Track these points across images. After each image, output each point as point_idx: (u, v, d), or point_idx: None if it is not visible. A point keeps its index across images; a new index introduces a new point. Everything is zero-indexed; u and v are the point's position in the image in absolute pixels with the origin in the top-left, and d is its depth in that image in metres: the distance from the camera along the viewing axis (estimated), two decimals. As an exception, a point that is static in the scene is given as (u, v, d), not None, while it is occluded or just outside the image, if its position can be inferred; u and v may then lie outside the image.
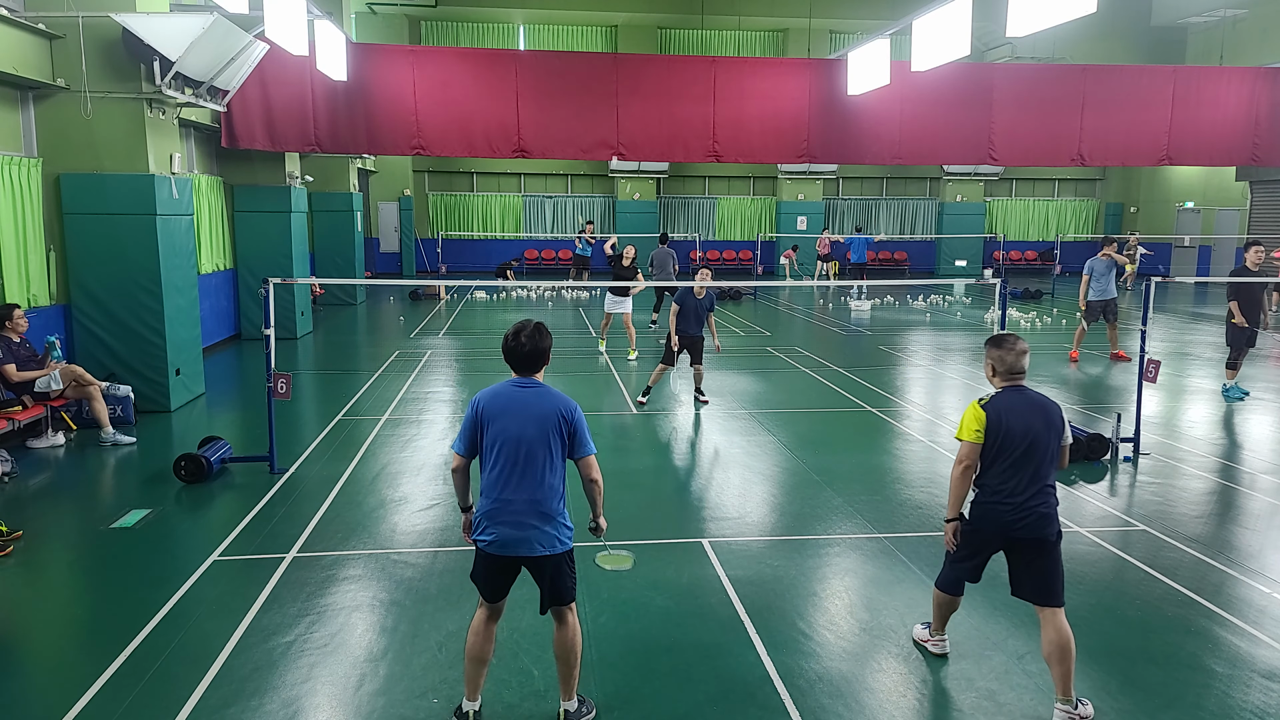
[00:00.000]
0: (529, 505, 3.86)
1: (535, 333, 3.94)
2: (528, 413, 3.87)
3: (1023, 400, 4.25)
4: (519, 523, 3.86)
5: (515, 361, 3.97)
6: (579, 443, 3.91)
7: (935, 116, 16.24)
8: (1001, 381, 4.34)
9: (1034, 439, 4.17)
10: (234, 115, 13.93)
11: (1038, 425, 4.19)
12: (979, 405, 4.25)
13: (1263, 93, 16.76)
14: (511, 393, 3.93)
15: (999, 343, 4.34)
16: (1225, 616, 5.14)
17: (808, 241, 29.45)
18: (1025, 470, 4.17)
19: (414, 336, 16.12)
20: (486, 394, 3.96)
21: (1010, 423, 4.18)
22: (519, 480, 3.85)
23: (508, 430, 3.85)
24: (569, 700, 4.05)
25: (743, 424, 9.59)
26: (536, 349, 3.94)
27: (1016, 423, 4.18)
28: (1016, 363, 4.29)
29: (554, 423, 3.86)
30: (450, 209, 30.55)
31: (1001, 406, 4.23)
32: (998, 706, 4.21)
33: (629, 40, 28.95)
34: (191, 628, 4.94)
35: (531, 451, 3.84)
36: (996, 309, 8.84)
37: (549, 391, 3.95)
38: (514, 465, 3.85)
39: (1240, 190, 26.74)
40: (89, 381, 8.80)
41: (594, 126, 15.53)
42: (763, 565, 5.87)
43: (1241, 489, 7.58)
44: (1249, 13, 24.50)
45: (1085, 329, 14.05)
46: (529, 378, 3.98)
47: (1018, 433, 4.17)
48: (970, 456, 4.27)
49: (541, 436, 3.85)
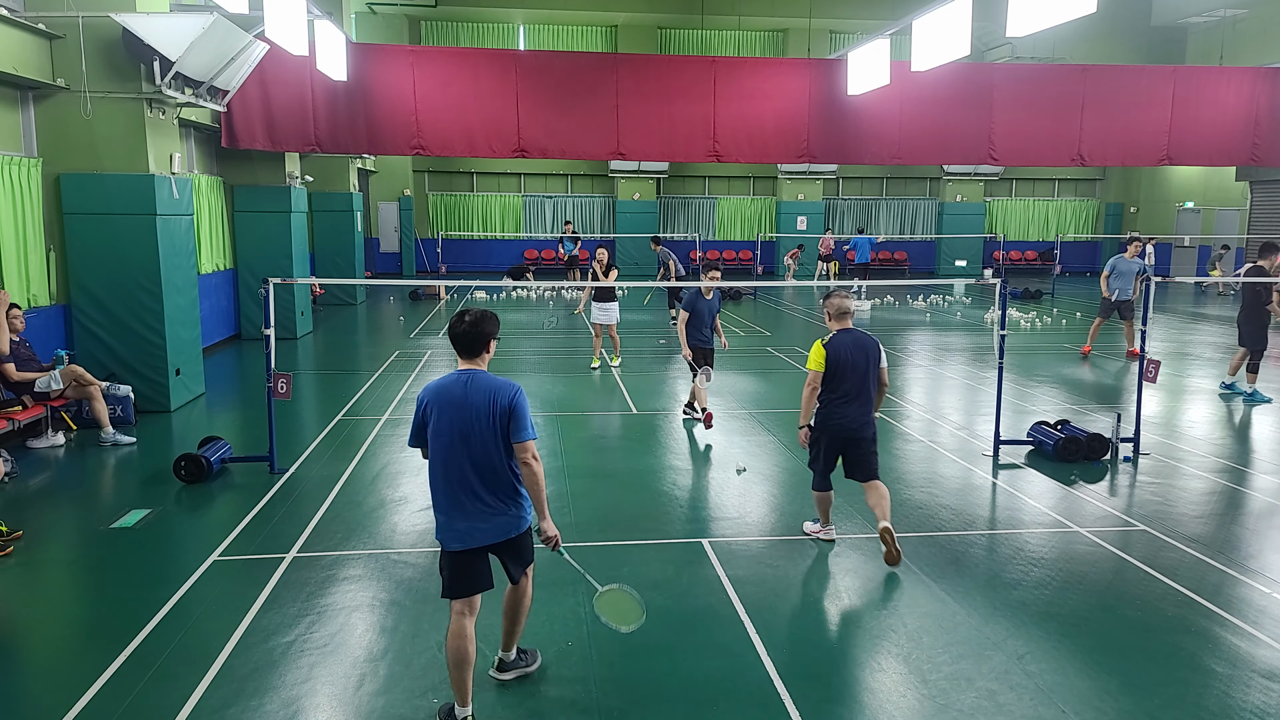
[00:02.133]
0: (490, 495, 3.90)
1: (479, 318, 3.99)
2: (468, 403, 3.87)
3: (851, 339, 5.81)
4: (476, 515, 3.90)
5: (457, 345, 4.01)
6: (515, 427, 3.88)
7: (935, 116, 16.24)
8: (835, 324, 5.87)
9: (862, 368, 5.74)
10: (234, 115, 13.93)
11: (861, 359, 5.76)
12: (821, 343, 5.80)
13: (1263, 93, 16.76)
14: (454, 386, 3.93)
15: (829, 294, 5.98)
16: (1225, 616, 5.13)
17: (810, 241, 29.46)
18: (854, 390, 5.76)
19: (414, 336, 16.13)
20: (431, 388, 3.99)
21: (843, 356, 5.73)
22: (476, 473, 3.88)
23: (451, 423, 3.87)
24: (508, 651, 4.32)
25: (743, 424, 9.59)
26: (478, 332, 3.98)
27: (847, 356, 5.73)
28: (843, 304, 5.85)
29: (498, 412, 3.87)
30: (450, 209, 30.54)
31: (837, 343, 5.78)
32: (998, 706, 4.21)
33: (629, 40, 28.95)
34: (191, 628, 4.94)
35: (480, 443, 3.86)
36: (996, 309, 8.84)
37: (493, 381, 3.94)
38: (468, 460, 3.87)
39: (1240, 190, 26.74)
40: (89, 381, 8.80)
41: (594, 126, 15.52)
42: (763, 565, 5.87)
43: (1241, 489, 7.58)
44: (1249, 13, 24.50)
45: (1101, 322, 14.24)
46: (471, 366, 4.00)
47: (848, 363, 5.72)
48: (815, 381, 5.84)
49: (488, 427, 3.86)
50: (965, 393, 11.55)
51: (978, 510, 7.05)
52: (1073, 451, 8.19)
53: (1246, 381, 11.09)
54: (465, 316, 4.02)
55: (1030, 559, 5.98)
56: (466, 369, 4.00)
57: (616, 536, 6.33)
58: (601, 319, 12.77)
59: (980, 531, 6.56)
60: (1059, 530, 6.54)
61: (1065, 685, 4.38)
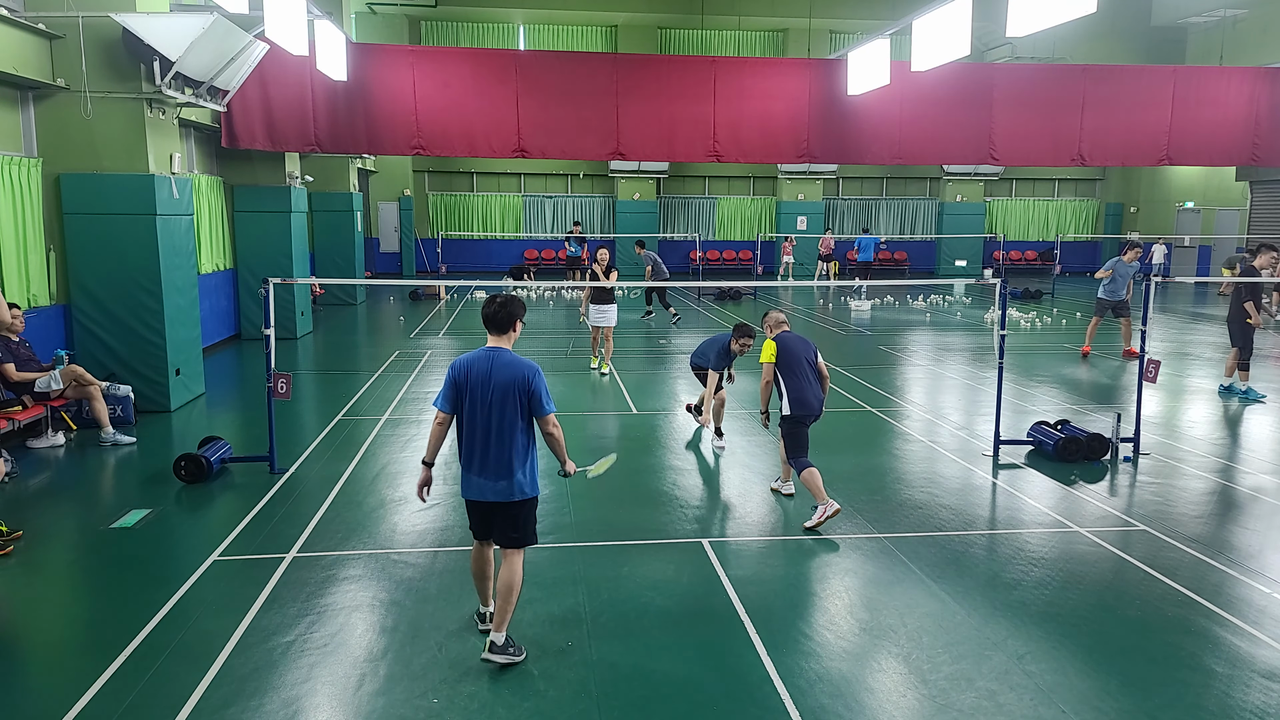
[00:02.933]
0: (497, 460, 4.47)
1: (508, 300, 4.61)
2: (494, 380, 4.46)
3: (791, 336, 6.96)
4: (490, 473, 4.48)
5: (489, 324, 4.60)
6: (536, 404, 4.50)
7: (935, 116, 16.25)
8: (774, 331, 6.95)
9: (809, 356, 6.86)
10: (234, 115, 13.93)
11: (803, 348, 6.88)
12: (770, 339, 6.86)
13: (1263, 93, 16.76)
14: (482, 361, 4.50)
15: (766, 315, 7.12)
16: (1225, 616, 5.13)
17: (809, 241, 29.46)
18: (810, 374, 6.77)
19: (414, 336, 16.12)
20: (462, 361, 4.56)
21: (790, 345, 6.82)
22: (488, 438, 4.46)
23: (479, 396, 4.46)
24: (499, 633, 4.55)
25: (743, 424, 9.59)
26: (506, 313, 4.57)
27: (793, 345, 6.84)
28: (778, 316, 7.04)
29: (516, 388, 4.45)
30: (450, 209, 30.54)
31: (783, 337, 6.87)
32: (998, 706, 4.21)
33: (629, 40, 28.94)
34: (191, 628, 4.94)
35: (502, 415, 4.45)
36: (996, 309, 8.84)
37: (513, 360, 4.51)
38: (485, 426, 4.46)
39: (1240, 190, 26.75)
40: (89, 381, 8.80)
41: (594, 126, 15.53)
42: (763, 565, 5.87)
43: (1242, 489, 7.58)
44: (1249, 13, 24.50)
45: (1098, 321, 14.28)
46: (498, 345, 4.56)
47: (798, 351, 6.80)
48: (769, 373, 6.82)
49: (506, 401, 4.44)
50: (965, 393, 11.55)
51: (978, 510, 7.05)
52: (1073, 451, 8.19)
53: (1239, 380, 11.19)
54: (496, 299, 4.60)
55: (1030, 559, 5.98)
56: (494, 346, 4.57)
57: (616, 536, 6.33)
58: (598, 321, 12.43)
59: (980, 531, 6.56)
60: (1059, 530, 6.54)
61: (1065, 685, 4.38)
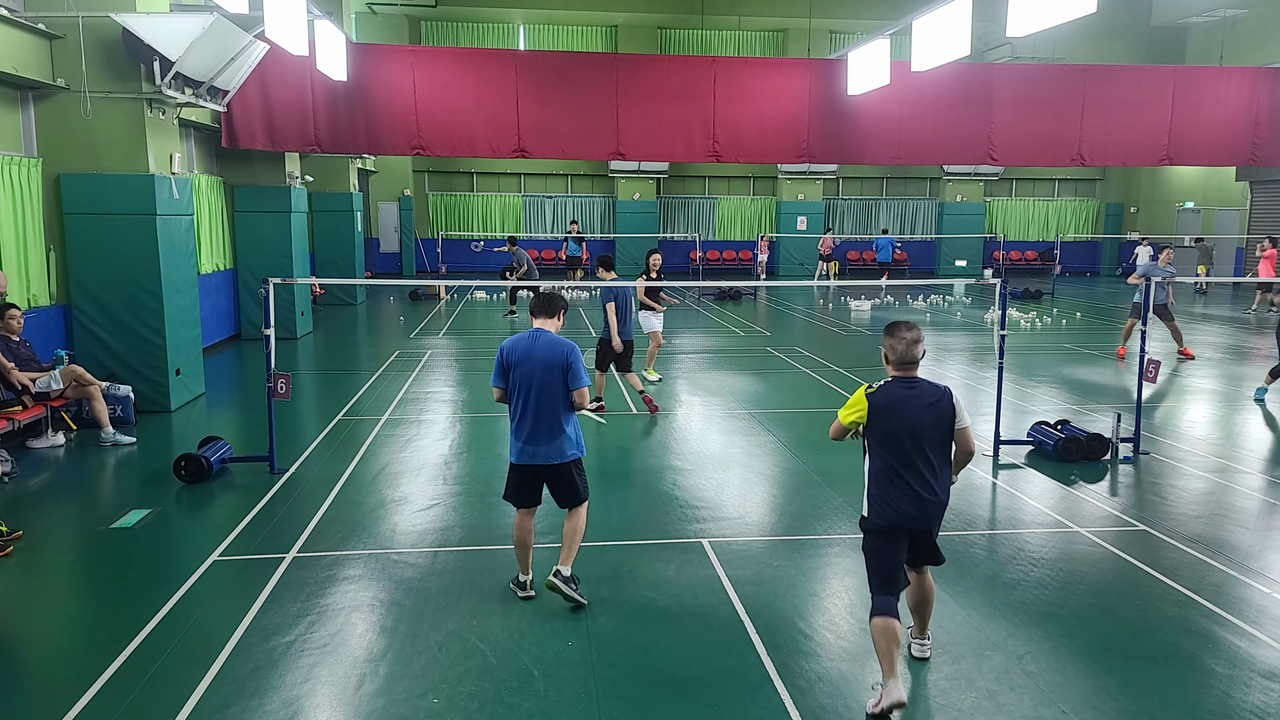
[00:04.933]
0: (547, 426, 5.09)
1: (553, 293, 5.43)
2: (538, 358, 5.10)
3: (905, 393, 4.20)
4: (538, 440, 5.09)
5: (538, 309, 5.34)
6: (573, 376, 5.12)
7: (935, 116, 16.24)
8: (894, 370, 4.30)
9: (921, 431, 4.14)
10: (234, 115, 13.93)
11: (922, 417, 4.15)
12: (864, 394, 4.27)
13: (1263, 93, 16.76)
14: (528, 342, 5.16)
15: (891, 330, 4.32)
16: (1225, 616, 5.13)
17: (809, 241, 29.47)
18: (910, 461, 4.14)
19: (414, 337, 16.13)
20: (509, 343, 5.24)
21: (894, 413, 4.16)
22: (537, 409, 5.08)
23: (526, 371, 5.10)
24: (566, 565, 5.15)
25: (743, 424, 9.59)
26: (554, 300, 5.36)
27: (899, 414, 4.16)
28: (908, 352, 4.23)
29: (558, 364, 5.10)
30: (450, 209, 30.54)
31: (887, 399, 4.20)
32: (998, 706, 4.21)
33: (629, 40, 28.94)
34: (191, 628, 4.94)
35: (544, 388, 5.08)
36: (996, 309, 8.84)
37: (555, 339, 5.18)
38: (533, 398, 5.08)
39: (1240, 190, 26.75)
40: (89, 381, 8.80)
41: (594, 126, 15.52)
42: (763, 565, 5.87)
43: (1242, 489, 7.57)
44: (1249, 13, 24.50)
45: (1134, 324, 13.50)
46: (543, 327, 5.25)
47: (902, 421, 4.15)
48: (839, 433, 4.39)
49: (550, 376, 5.09)
50: (965, 393, 11.55)
51: (978, 510, 7.05)
52: (1073, 451, 8.19)
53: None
54: (542, 291, 5.44)
55: (1030, 559, 5.98)
56: (538, 328, 5.25)
57: (617, 536, 6.33)
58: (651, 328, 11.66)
59: (980, 531, 6.56)
60: (1059, 530, 6.54)
61: (1065, 685, 4.38)
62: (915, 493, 4.13)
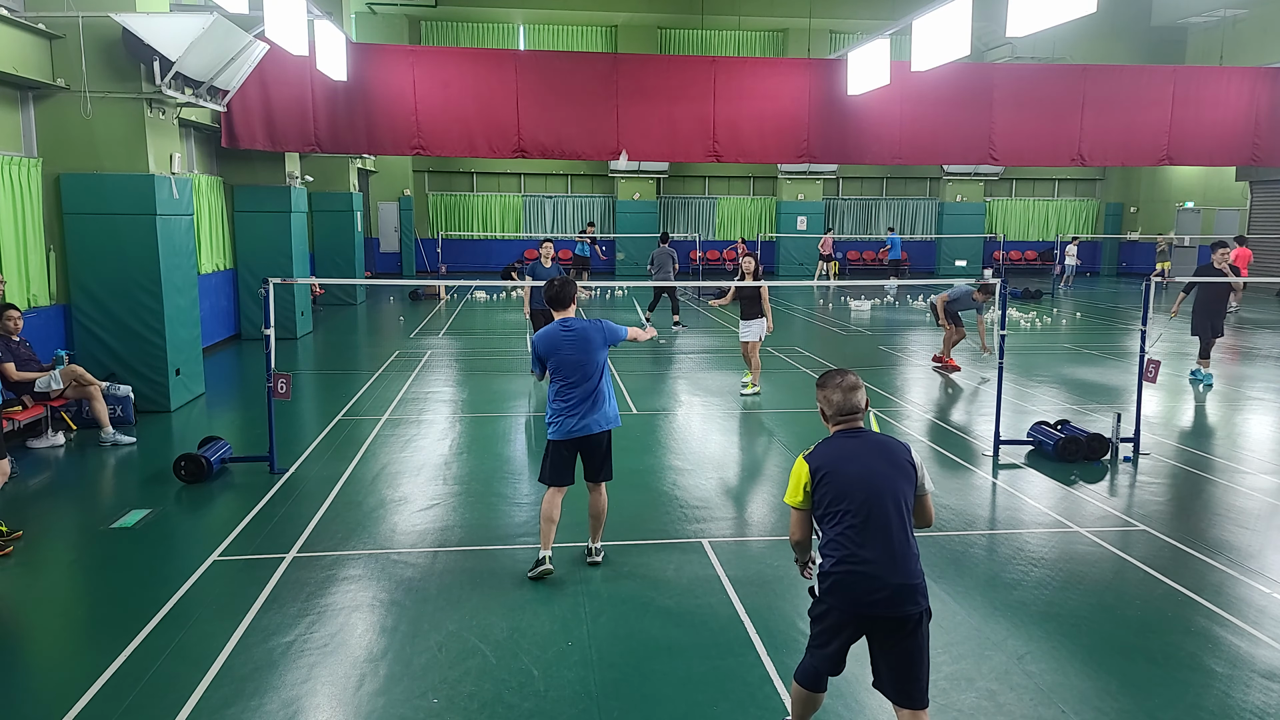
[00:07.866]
0: (589, 399, 5.51)
1: (564, 282, 5.67)
2: (576, 343, 5.51)
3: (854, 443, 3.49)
4: (583, 413, 5.49)
5: (553, 302, 5.63)
6: (613, 334, 5.65)
7: (935, 116, 16.24)
8: (835, 426, 3.60)
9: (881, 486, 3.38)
10: (234, 115, 13.93)
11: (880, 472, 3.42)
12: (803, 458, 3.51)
13: (1263, 93, 16.76)
14: (560, 332, 5.53)
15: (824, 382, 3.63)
16: (1225, 616, 5.13)
17: (809, 241, 29.46)
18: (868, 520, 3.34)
19: (414, 337, 16.12)
20: (542, 334, 5.58)
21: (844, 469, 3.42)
22: (585, 383, 5.49)
23: (568, 358, 5.49)
24: (596, 542, 5.79)
25: (743, 424, 9.59)
26: (566, 294, 5.62)
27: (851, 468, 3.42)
28: (845, 401, 3.54)
29: (596, 341, 5.53)
30: (450, 209, 30.55)
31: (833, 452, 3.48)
32: (998, 706, 4.21)
33: (629, 40, 28.95)
34: (191, 628, 4.94)
35: (585, 366, 5.49)
36: (996, 309, 8.84)
37: (584, 322, 5.57)
38: (575, 377, 5.48)
39: (1240, 190, 26.75)
40: (89, 381, 8.80)
41: (594, 126, 15.52)
42: (763, 565, 5.87)
43: (1242, 489, 7.57)
44: (1249, 13, 24.50)
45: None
46: (565, 315, 5.59)
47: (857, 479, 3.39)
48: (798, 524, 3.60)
49: (590, 354, 5.50)
50: (965, 393, 11.55)
51: (978, 510, 7.05)
52: (1073, 451, 8.19)
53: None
54: (554, 283, 5.64)
55: (1030, 559, 5.98)
56: (563, 317, 5.59)
57: (617, 536, 6.32)
58: (747, 336, 11.23)
59: (980, 531, 6.56)
60: (1059, 530, 6.54)
61: (1065, 685, 4.38)
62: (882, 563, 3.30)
